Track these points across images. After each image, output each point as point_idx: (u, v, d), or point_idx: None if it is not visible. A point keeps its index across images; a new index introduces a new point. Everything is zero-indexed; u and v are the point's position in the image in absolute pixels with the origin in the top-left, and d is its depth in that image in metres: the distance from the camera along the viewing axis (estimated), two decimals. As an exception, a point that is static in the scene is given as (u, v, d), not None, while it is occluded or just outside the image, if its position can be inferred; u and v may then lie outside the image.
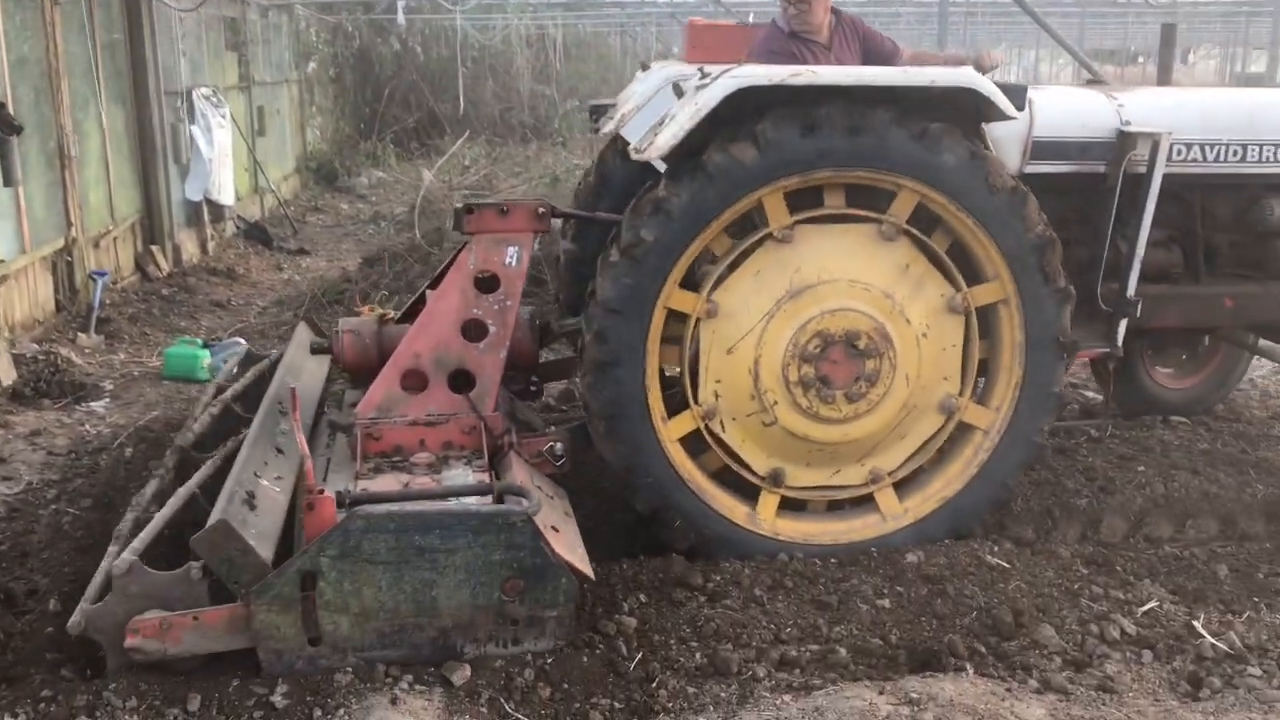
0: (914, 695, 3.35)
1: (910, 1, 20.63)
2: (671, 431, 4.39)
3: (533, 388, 5.22)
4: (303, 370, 5.30)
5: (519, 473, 4.17)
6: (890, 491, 4.60)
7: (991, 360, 4.61)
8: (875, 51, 5.51)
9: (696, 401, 4.41)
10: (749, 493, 4.53)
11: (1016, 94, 4.37)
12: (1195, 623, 3.98)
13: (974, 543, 4.50)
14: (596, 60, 25.14)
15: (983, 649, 3.81)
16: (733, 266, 4.34)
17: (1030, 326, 4.47)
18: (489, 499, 3.84)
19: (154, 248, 10.47)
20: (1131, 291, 4.88)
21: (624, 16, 23.09)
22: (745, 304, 4.33)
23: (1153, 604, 4.09)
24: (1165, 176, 4.81)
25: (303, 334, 5.72)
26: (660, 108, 4.80)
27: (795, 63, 4.99)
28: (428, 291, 4.89)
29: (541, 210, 4.56)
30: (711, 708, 3.48)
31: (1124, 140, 4.88)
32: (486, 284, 4.50)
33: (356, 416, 4.36)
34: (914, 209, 4.35)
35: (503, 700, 3.45)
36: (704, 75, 4.20)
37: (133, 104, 10.28)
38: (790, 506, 4.59)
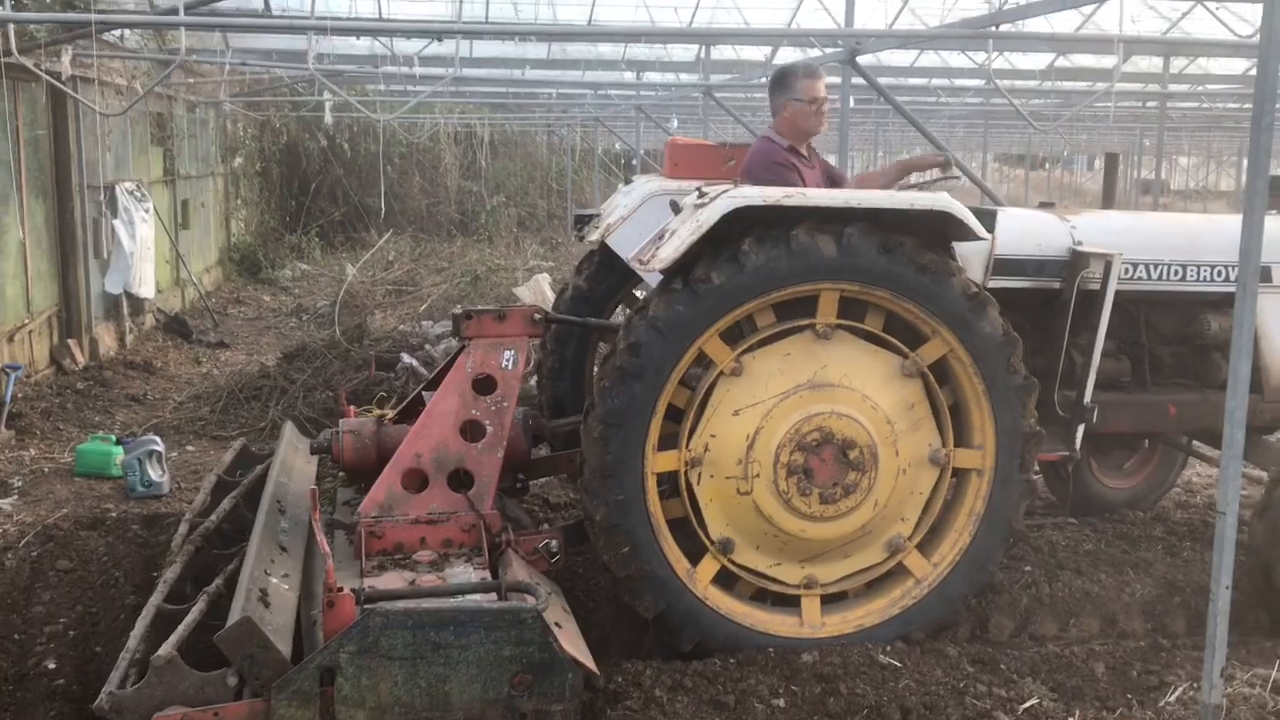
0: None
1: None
2: (655, 463, 4.49)
3: (518, 484, 5.33)
4: (294, 469, 5.41)
5: (519, 570, 4.29)
6: (817, 602, 4.73)
7: (946, 518, 4.82)
8: (831, 175, 5.77)
9: (688, 446, 4.54)
10: (694, 552, 4.64)
11: (987, 218, 4.69)
12: None
13: (868, 642, 4.67)
14: (523, 158, 25.63)
15: (872, 747, 3.97)
16: (764, 341, 4.54)
17: (992, 502, 4.72)
18: (494, 595, 3.95)
19: (70, 341, 10.40)
20: (1088, 398, 5.16)
21: (550, 118, 23.65)
22: (767, 376, 4.53)
23: (1033, 701, 4.27)
24: (1115, 293, 5.12)
25: (290, 433, 5.83)
26: (649, 219, 5.10)
27: (796, 175, 5.20)
28: (424, 393, 5.04)
29: (537, 316, 4.80)
30: (610, 808, 3.57)
31: (1077, 259, 5.22)
32: (484, 386, 4.66)
33: (360, 515, 4.46)
34: (939, 358, 4.61)
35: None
36: (702, 195, 4.45)
37: (54, 198, 10.29)
38: (722, 581, 4.70)
